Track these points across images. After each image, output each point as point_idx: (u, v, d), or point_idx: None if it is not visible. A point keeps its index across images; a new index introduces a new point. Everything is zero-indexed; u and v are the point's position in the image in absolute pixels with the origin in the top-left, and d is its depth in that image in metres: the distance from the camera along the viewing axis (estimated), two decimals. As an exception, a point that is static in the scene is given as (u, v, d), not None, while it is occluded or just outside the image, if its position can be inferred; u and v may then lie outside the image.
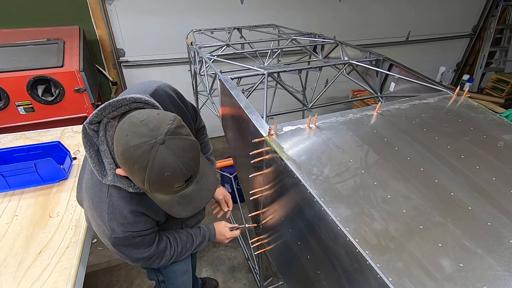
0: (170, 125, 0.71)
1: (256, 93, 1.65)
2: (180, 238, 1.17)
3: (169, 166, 0.69)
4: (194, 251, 1.24)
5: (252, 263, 2.15)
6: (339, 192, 0.88)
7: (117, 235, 0.89)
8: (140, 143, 0.67)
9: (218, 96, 1.72)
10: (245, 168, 1.47)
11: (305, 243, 1.03)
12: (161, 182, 0.71)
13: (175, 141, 0.70)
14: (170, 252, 1.12)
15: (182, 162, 0.70)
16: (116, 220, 0.87)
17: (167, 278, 1.40)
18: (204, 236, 1.26)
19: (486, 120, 1.18)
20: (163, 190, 0.76)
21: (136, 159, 0.68)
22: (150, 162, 0.68)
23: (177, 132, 0.71)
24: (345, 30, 3.62)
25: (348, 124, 1.16)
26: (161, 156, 0.68)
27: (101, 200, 0.87)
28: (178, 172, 0.71)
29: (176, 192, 0.78)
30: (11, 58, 2.09)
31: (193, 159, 0.74)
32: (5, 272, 1.11)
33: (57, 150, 1.59)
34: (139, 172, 0.70)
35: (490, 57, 4.51)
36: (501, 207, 0.84)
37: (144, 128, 0.69)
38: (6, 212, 1.35)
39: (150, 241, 1.02)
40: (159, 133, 0.68)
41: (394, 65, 1.68)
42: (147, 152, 0.67)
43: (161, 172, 0.69)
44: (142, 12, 2.81)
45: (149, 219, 0.96)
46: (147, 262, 1.06)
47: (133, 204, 0.89)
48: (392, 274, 0.68)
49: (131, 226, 0.90)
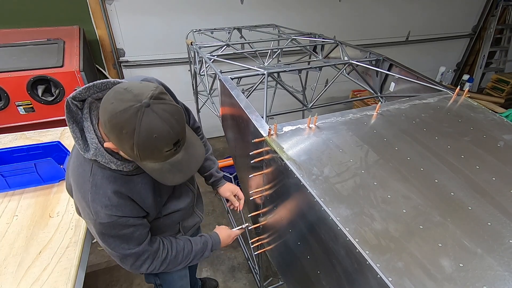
0: (153, 91, 0.73)
1: (256, 93, 1.65)
2: (176, 242, 1.12)
3: (156, 128, 0.70)
4: (196, 260, 1.17)
5: (252, 263, 2.15)
6: (339, 192, 0.88)
7: (101, 220, 0.86)
8: (126, 107, 0.69)
9: (218, 96, 1.72)
10: (245, 168, 1.47)
11: (305, 243, 1.03)
12: (150, 145, 0.72)
13: (160, 105, 0.71)
14: (163, 253, 1.05)
15: (169, 125, 0.72)
16: (99, 201, 0.85)
17: (165, 282, 1.37)
18: (205, 244, 1.20)
19: (486, 120, 1.18)
20: (152, 156, 0.76)
21: (123, 123, 0.69)
22: (137, 125, 0.69)
23: (160, 97, 0.73)
24: (345, 30, 3.62)
25: (348, 124, 1.16)
26: (148, 119, 0.69)
27: (84, 180, 0.86)
28: (165, 134, 0.72)
29: (165, 158, 0.78)
30: (11, 58, 2.09)
31: (179, 124, 0.75)
32: (5, 272, 1.11)
33: (57, 150, 1.59)
34: (127, 138, 0.71)
35: (490, 57, 4.51)
36: (501, 207, 0.84)
37: (129, 94, 0.70)
38: (6, 212, 1.35)
39: (140, 237, 0.96)
40: (144, 97, 0.70)
41: (394, 65, 1.68)
42: (134, 116, 0.68)
43: (149, 134, 0.70)
44: (142, 12, 2.81)
45: (135, 205, 0.92)
46: (137, 261, 0.99)
47: (117, 184, 0.87)
48: (392, 274, 0.68)
49: (115, 209, 0.86)
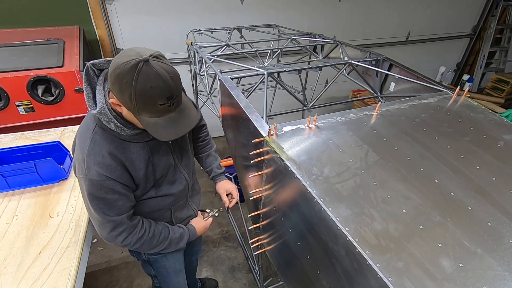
0: (154, 52, 0.83)
1: (256, 93, 1.65)
2: (155, 226, 1.16)
3: (152, 79, 0.79)
4: (170, 247, 1.21)
5: (252, 263, 2.15)
6: (339, 192, 0.88)
7: (91, 176, 0.92)
8: (129, 60, 0.79)
9: (218, 96, 1.72)
10: (245, 168, 1.47)
11: (305, 243, 1.03)
12: (145, 95, 0.81)
13: (158, 62, 0.81)
14: (140, 232, 1.09)
15: (163, 79, 0.80)
16: (93, 157, 0.93)
17: (158, 274, 1.41)
18: (182, 234, 1.24)
19: (486, 120, 1.18)
20: (148, 108, 0.84)
21: (125, 73, 0.79)
22: (135, 75, 0.78)
23: (160, 57, 0.83)
24: (345, 30, 3.62)
25: (348, 124, 1.16)
26: (146, 71, 0.79)
27: (86, 136, 0.96)
28: (160, 87, 0.80)
29: (160, 113, 0.86)
30: (11, 58, 2.09)
31: (174, 82, 0.83)
32: (5, 272, 1.11)
33: (57, 150, 1.59)
34: (127, 86, 0.80)
35: (490, 57, 4.51)
36: (501, 207, 0.84)
37: (132, 52, 0.81)
38: (6, 212, 1.35)
39: (121, 208, 1.01)
40: (145, 54, 0.80)
41: (394, 65, 1.68)
42: (134, 67, 0.78)
43: (145, 84, 0.79)
44: (142, 12, 2.81)
45: (125, 172, 0.97)
46: (113, 231, 1.03)
47: (113, 147, 0.95)
48: (392, 274, 0.68)
49: (106, 168, 0.93)
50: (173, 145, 1.13)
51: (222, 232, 2.59)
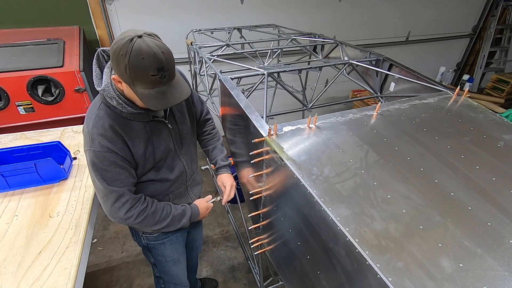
0: (149, 32, 0.92)
1: (256, 93, 1.65)
2: (158, 202, 1.21)
3: (143, 51, 0.87)
4: (173, 224, 1.25)
5: (252, 263, 2.15)
6: (339, 192, 0.88)
7: (95, 148, 1.01)
8: (125, 36, 0.89)
9: (218, 96, 1.72)
10: (245, 168, 1.47)
11: (305, 243, 1.03)
12: (138, 66, 0.88)
13: (151, 39, 0.90)
14: (142, 205, 1.14)
15: (155, 51, 0.88)
16: (97, 129, 1.02)
17: (157, 262, 1.46)
18: (184, 210, 1.28)
19: (486, 120, 1.18)
20: (141, 78, 0.91)
21: (121, 47, 0.88)
22: (129, 48, 0.87)
23: (154, 35, 0.92)
24: (345, 30, 3.62)
25: (348, 124, 1.16)
26: (139, 44, 0.87)
27: (92, 112, 1.05)
28: (151, 58, 0.88)
29: (152, 84, 0.93)
30: (11, 58, 2.09)
31: (165, 56, 0.90)
32: (5, 272, 1.11)
33: (57, 150, 1.58)
34: (122, 58, 0.88)
35: (490, 57, 4.51)
36: (501, 207, 0.84)
37: (130, 31, 0.91)
38: (6, 212, 1.35)
39: (124, 181, 1.08)
40: (140, 33, 0.89)
41: (394, 65, 1.68)
42: (128, 41, 0.87)
43: (138, 55, 0.87)
44: (142, 12, 2.81)
45: (125, 147, 1.05)
46: (117, 202, 1.08)
47: (115, 122, 1.04)
48: (392, 274, 0.68)
49: (107, 140, 1.02)
50: (174, 132, 1.19)
51: (222, 232, 2.59)
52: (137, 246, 2.45)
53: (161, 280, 1.56)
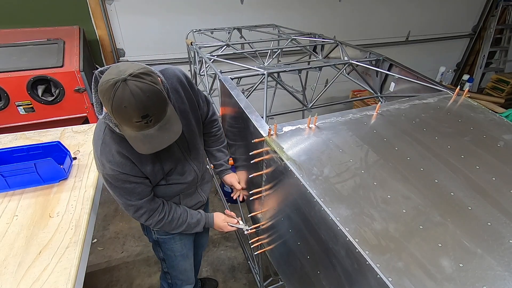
0: (136, 70, 0.85)
1: (256, 93, 1.65)
2: (175, 209, 1.27)
3: (125, 99, 0.83)
4: (187, 231, 1.33)
5: (252, 263, 2.15)
6: (339, 192, 0.88)
7: (107, 172, 1.04)
8: (109, 79, 0.84)
9: (218, 96, 1.72)
10: (245, 168, 1.47)
11: (305, 243, 1.03)
12: (121, 113, 0.86)
13: (135, 82, 0.83)
14: (159, 215, 1.21)
15: (137, 99, 0.83)
16: (105, 156, 1.03)
17: (166, 257, 1.50)
18: (199, 221, 1.35)
19: (486, 120, 1.18)
20: (126, 123, 0.89)
21: (105, 91, 0.84)
22: (112, 94, 0.83)
23: (140, 76, 0.85)
24: (345, 30, 3.61)
25: (348, 124, 1.16)
26: (121, 91, 0.83)
27: (98, 137, 1.06)
28: (133, 106, 0.84)
29: (138, 128, 0.91)
30: (11, 58, 2.09)
31: (150, 100, 0.86)
32: (5, 272, 1.11)
33: (57, 150, 1.58)
34: (106, 102, 0.86)
35: (490, 57, 4.50)
36: (501, 207, 0.84)
37: (116, 69, 0.86)
38: (6, 212, 1.35)
39: (142, 193, 1.13)
40: (125, 74, 0.83)
41: (394, 65, 1.68)
42: (111, 86, 0.83)
43: (119, 103, 0.84)
44: (142, 12, 2.81)
45: (134, 166, 1.07)
46: (136, 213, 1.17)
47: (121, 146, 1.03)
48: (392, 274, 0.68)
49: (116, 165, 1.03)
50: (180, 142, 1.19)
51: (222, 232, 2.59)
52: (137, 246, 2.45)
53: (168, 276, 1.59)
